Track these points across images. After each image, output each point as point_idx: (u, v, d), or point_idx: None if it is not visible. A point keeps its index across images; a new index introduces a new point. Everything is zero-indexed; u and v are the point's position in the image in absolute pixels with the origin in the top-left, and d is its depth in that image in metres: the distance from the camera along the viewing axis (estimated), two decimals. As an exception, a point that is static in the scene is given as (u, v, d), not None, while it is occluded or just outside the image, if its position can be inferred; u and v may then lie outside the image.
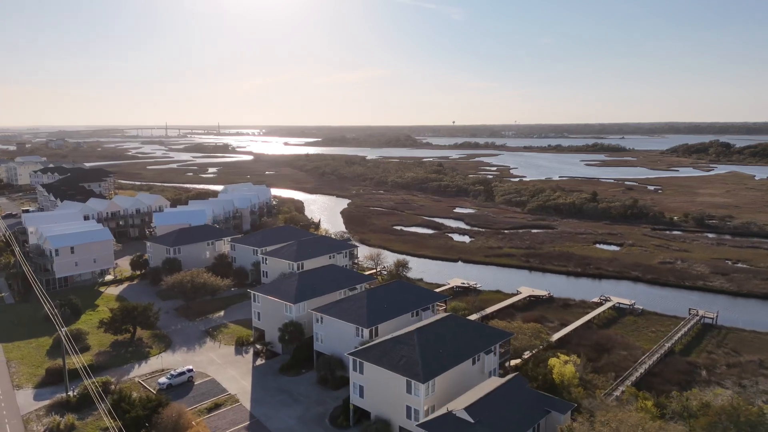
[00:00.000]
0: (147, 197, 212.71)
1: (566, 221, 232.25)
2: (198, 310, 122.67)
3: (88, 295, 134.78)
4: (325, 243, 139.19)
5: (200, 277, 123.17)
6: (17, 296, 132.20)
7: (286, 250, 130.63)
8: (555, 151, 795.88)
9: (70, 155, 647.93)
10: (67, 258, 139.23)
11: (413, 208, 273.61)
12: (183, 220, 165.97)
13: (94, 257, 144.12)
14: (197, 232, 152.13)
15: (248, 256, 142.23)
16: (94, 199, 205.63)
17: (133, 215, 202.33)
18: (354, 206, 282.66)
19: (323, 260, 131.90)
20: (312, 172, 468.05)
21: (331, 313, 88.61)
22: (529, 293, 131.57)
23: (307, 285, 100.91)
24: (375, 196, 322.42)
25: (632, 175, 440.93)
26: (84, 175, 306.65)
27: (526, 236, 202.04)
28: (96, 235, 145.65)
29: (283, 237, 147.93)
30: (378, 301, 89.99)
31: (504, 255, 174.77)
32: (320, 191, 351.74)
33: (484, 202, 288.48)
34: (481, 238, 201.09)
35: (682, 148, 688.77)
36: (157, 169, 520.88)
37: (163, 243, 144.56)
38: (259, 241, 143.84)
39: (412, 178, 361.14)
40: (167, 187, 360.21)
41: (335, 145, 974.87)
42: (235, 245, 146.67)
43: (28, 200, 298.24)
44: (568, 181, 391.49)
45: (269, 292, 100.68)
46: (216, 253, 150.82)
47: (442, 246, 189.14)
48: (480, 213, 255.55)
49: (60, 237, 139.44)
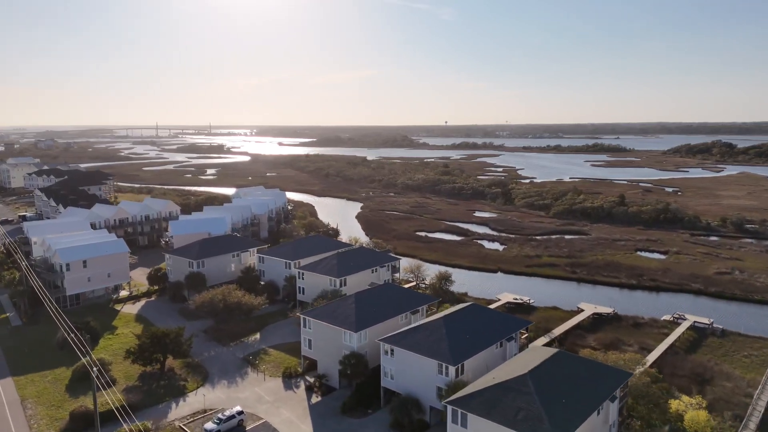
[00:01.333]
0: (156, 202, 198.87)
1: (597, 226, 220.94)
2: (230, 332, 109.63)
3: (103, 314, 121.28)
4: (366, 255, 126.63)
5: (233, 295, 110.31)
6: (24, 317, 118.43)
7: (326, 265, 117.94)
8: (555, 151, 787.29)
9: (61, 156, 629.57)
10: (79, 273, 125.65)
11: (431, 212, 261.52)
12: (201, 229, 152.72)
13: (108, 271, 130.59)
14: (221, 243, 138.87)
15: (279, 269, 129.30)
16: (100, 205, 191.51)
17: (142, 222, 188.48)
18: (368, 210, 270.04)
19: (366, 275, 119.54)
20: (315, 174, 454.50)
21: (404, 344, 76.12)
22: (592, 310, 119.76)
23: (367, 309, 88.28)
24: (387, 199, 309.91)
25: (643, 176, 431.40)
26: (82, 177, 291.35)
27: (561, 243, 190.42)
28: (110, 247, 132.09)
29: (316, 248, 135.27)
30: (458, 331, 77.62)
31: (546, 265, 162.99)
32: (328, 194, 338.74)
33: (503, 205, 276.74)
34: (513, 245, 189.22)
35: (684, 148, 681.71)
36: (154, 171, 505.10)
37: (185, 255, 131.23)
38: (291, 252, 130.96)
39: (423, 180, 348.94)
40: (168, 189, 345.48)
41: (331, 146, 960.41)
42: (264, 257, 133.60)
43: (23, 204, 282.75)
44: (580, 182, 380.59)
45: (323, 316, 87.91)
46: (242, 265, 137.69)
47: (476, 254, 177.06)
48: (503, 217, 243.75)
49: (71, 250, 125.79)
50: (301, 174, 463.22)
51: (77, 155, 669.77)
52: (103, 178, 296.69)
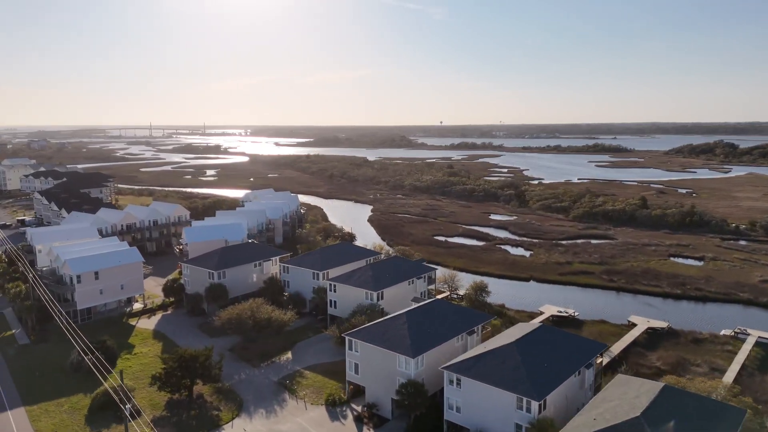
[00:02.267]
0: (164, 207, 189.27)
1: (621, 230, 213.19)
2: (259, 350, 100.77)
3: (117, 330, 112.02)
4: (400, 265, 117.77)
5: (262, 310, 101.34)
6: (32, 334, 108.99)
7: (360, 276, 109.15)
8: (555, 151, 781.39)
9: (55, 157, 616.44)
10: (91, 285, 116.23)
11: (445, 215, 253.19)
12: (218, 236, 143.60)
13: (121, 283, 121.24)
14: (242, 252, 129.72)
15: (306, 280, 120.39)
16: (106, 209, 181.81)
17: (150, 227, 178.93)
18: (380, 213, 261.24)
19: (403, 287, 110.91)
20: (318, 175, 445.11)
21: (474, 374, 67.55)
22: (645, 325, 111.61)
23: (421, 330, 79.58)
24: (396, 201, 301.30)
25: (650, 176, 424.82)
26: (82, 179, 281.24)
27: (589, 248, 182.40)
28: (123, 257, 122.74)
29: (343, 256, 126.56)
30: (534, 358, 69.15)
31: (579, 272, 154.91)
32: (335, 196, 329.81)
33: (518, 207, 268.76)
34: (539, 250, 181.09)
35: (686, 148, 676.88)
36: (152, 172, 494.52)
37: (205, 266, 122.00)
38: (318, 262, 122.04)
39: (431, 182, 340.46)
40: (170, 191, 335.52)
41: (328, 146, 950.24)
42: (288, 267, 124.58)
43: (20, 207, 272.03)
44: (589, 183, 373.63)
45: (373, 338, 79.12)
46: (264, 275, 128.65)
47: (503, 261, 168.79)
48: (521, 220, 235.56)
49: (81, 260, 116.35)
50: (303, 175, 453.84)
51: (72, 156, 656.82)
52: (103, 180, 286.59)
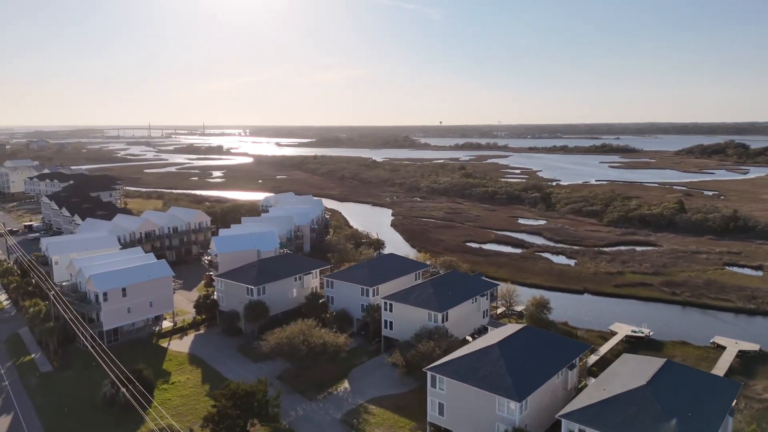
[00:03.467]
0: (184, 212, 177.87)
1: (662, 236, 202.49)
2: (312, 379, 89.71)
3: (148, 354, 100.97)
4: (461, 281, 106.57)
5: (315, 333, 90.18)
6: (55, 360, 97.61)
7: (420, 294, 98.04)
8: (562, 152, 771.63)
9: (55, 157, 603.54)
10: (118, 303, 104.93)
11: (470, 219, 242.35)
12: (250, 246, 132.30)
13: (150, 300, 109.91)
14: (281, 265, 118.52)
15: (353, 296, 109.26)
16: (122, 216, 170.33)
17: (170, 235, 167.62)
18: (402, 217, 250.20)
19: (467, 307, 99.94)
20: (328, 177, 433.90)
21: (602, 424, 56.49)
22: (734, 347, 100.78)
23: (520, 365, 68.53)
24: (416, 204, 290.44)
25: (668, 178, 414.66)
26: (89, 182, 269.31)
27: (637, 256, 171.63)
28: (152, 271, 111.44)
29: (392, 269, 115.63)
30: (669, 401, 58.14)
31: (637, 284, 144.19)
32: (350, 198, 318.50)
33: (546, 211, 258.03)
34: (583, 259, 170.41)
35: (698, 149, 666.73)
36: (156, 173, 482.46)
37: (242, 280, 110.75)
38: (367, 276, 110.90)
39: (449, 184, 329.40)
40: (178, 194, 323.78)
41: (330, 146, 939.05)
42: (333, 282, 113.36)
43: (25, 211, 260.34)
44: (609, 185, 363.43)
45: (463, 375, 68.02)
46: (305, 290, 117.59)
47: (549, 271, 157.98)
48: (554, 225, 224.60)
49: (107, 276, 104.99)
50: (313, 177, 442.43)
51: (72, 157, 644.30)
52: (112, 183, 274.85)
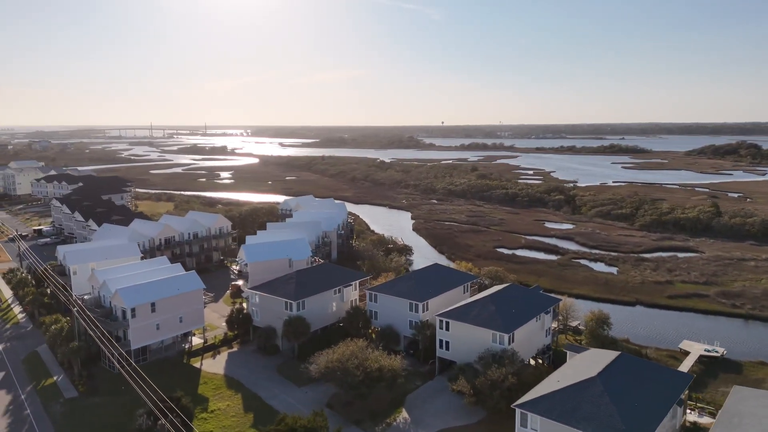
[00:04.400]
0: (204, 217, 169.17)
1: (701, 241, 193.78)
2: (366, 406, 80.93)
3: (181, 376, 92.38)
4: (522, 297, 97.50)
5: (370, 357, 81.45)
6: (80, 384, 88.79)
7: (481, 313, 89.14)
8: (571, 152, 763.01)
9: (59, 158, 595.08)
10: (147, 319, 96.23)
11: (494, 223, 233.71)
12: (281, 255, 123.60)
13: (180, 315, 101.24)
14: (319, 276, 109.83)
15: (401, 312, 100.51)
16: (140, 221, 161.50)
17: (190, 241, 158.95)
18: (423, 221, 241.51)
19: (533, 326, 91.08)
20: (339, 178, 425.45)
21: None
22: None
23: (625, 400, 59.63)
24: (434, 206, 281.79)
25: (686, 179, 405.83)
26: (99, 184, 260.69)
27: (681, 264, 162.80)
28: (182, 283, 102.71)
29: (441, 282, 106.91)
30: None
31: (692, 295, 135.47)
32: (365, 200, 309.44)
33: (572, 215, 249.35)
34: (625, 266, 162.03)
35: (709, 149, 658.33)
36: (163, 174, 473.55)
37: (280, 294, 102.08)
38: (414, 289, 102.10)
39: (467, 185, 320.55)
40: (189, 196, 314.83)
41: (334, 146, 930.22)
42: (377, 295, 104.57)
43: (33, 214, 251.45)
44: (629, 187, 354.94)
45: (563, 415, 59.05)
46: (344, 304, 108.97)
47: (593, 280, 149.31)
48: (584, 230, 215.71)
49: (136, 290, 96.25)
50: (323, 178, 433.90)
51: (76, 157, 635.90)
52: (123, 185, 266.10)
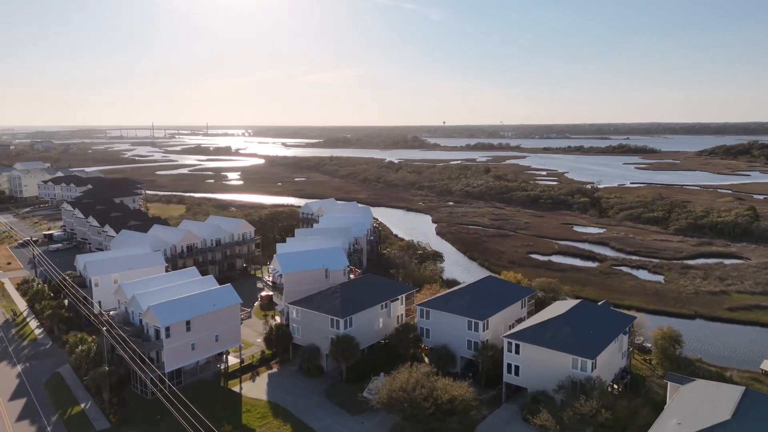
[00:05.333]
0: (227, 222, 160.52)
1: (743, 246, 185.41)
2: (434, 440, 72.29)
3: (221, 401, 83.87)
4: (595, 315, 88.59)
5: (438, 385, 72.79)
6: (111, 413, 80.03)
7: (557, 334, 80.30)
8: (579, 152, 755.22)
9: (62, 158, 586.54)
10: (182, 339, 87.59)
11: (520, 227, 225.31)
12: (317, 264, 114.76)
13: (216, 333, 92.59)
14: (365, 289, 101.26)
15: (457, 330, 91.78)
16: (159, 227, 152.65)
17: (213, 248, 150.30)
18: (446, 224, 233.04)
19: (611, 348, 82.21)
20: (350, 179, 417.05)
21: None
22: None
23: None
24: (453, 209, 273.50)
25: (703, 180, 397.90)
26: (109, 186, 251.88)
27: (732, 272, 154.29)
28: (218, 298, 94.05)
29: (499, 296, 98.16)
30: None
31: (753, 307, 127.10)
32: (380, 203, 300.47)
33: (600, 218, 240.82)
34: (671, 274, 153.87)
35: (721, 149, 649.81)
36: (169, 175, 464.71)
37: (325, 310, 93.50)
38: (472, 305, 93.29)
39: (485, 187, 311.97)
40: (199, 199, 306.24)
41: (338, 147, 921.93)
42: (429, 311, 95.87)
43: (42, 218, 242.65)
44: (650, 189, 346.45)
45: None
46: (391, 320, 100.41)
47: (640, 290, 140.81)
48: (617, 234, 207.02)
49: (170, 306, 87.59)
50: (333, 179, 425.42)
51: (80, 158, 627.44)
52: (133, 187, 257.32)
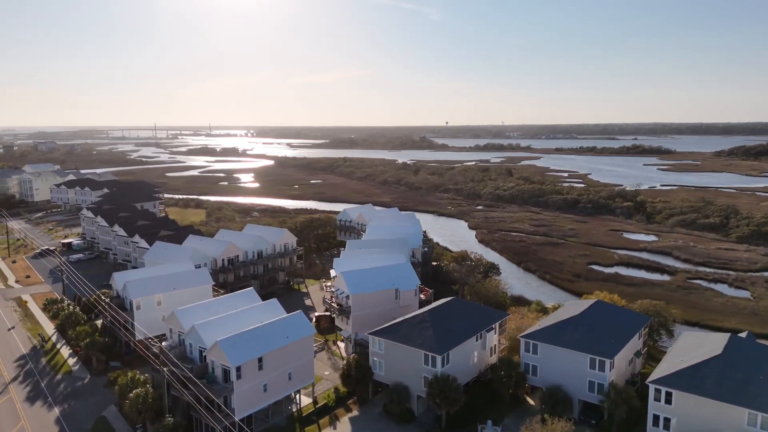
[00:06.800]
0: (269, 232, 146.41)
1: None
2: None
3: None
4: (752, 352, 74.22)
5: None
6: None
7: (722, 380, 66.26)
8: (592, 153, 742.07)
9: (68, 160, 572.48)
10: (254, 380, 73.88)
11: (567, 233, 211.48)
12: (387, 284, 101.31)
13: (289, 370, 78.79)
14: (455, 316, 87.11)
15: (574, 368, 77.88)
16: (195, 238, 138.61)
17: (254, 261, 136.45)
18: (486, 231, 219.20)
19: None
20: (368, 181, 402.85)
21: None
22: None
23: None
24: (488, 214, 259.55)
25: (733, 182, 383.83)
26: (127, 190, 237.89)
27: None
28: (291, 329, 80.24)
29: (614, 326, 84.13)
30: None
31: None
32: (407, 207, 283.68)
33: (649, 224, 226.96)
34: (757, 289, 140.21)
35: (740, 150, 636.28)
36: (181, 177, 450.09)
37: (417, 344, 79.69)
38: (589, 338, 79.36)
39: (517, 190, 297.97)
40: (219, 203, 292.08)
41: (345, 147, 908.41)
42: (536, 345, 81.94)
43: (56, 223, 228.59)
44: (683, 191, 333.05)
45: None
46: (486, 352, 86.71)
47: (732, 309, 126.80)
48: (676, 243, 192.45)
49: (239, 341, 73.75)
50: (350, 181, 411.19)
51: (85, 159, 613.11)
52: (151, 191, 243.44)
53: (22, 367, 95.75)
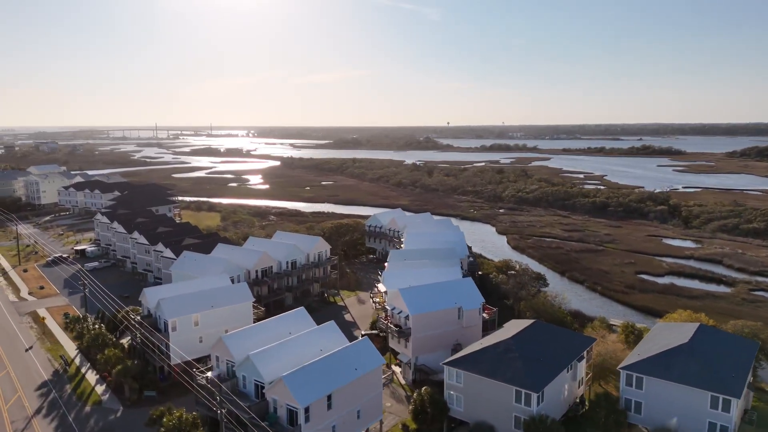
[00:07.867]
0: (303, 241, 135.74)
1: None
2: None
3: None
4: None
5: None
6: None
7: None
8: (601, 153, 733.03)
9: (71, 160, 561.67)
10: (323, 421, 63.54)
11: (603, 239, 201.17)
12: (449, 302, 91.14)
13: (359, 407, 68.35)
14: (541, 343, 76.47)
15: (690, 406, 67.27)
16: (225, 246, 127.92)
17: (288, 272, 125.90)
18: (518, 236, 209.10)
19: None
20: (380, 183, 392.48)
21: None
22: None
23: None
24: (513, 217, 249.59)
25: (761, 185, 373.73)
26: (140, 193, 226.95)
27: None
28: (359, 360, 69.76)
29: (729, 353, 73.49)
30: None
31: None
32: (426, 210, 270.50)
33: (687, 229, 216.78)
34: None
35: (752, 150, 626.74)
36: (188, 179, 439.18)
37: (505, 378, 69.26)
38: (703, 368, 68.86)
39: (541, 193, 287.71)
40: (233, 205, 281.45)
41: (350, 148, 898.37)
42: (641, 378, 71.21)
43: (64, 227, 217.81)
44: (707, 193, 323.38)
45: None
46: (575, 384, 76.17)
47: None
48: (723, 249, 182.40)
49: (305, 377, 63.30)
50: (362, 183, 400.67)
51: (88, 160, 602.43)
52: (165, 195, 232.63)
53: (45, 396, 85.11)
